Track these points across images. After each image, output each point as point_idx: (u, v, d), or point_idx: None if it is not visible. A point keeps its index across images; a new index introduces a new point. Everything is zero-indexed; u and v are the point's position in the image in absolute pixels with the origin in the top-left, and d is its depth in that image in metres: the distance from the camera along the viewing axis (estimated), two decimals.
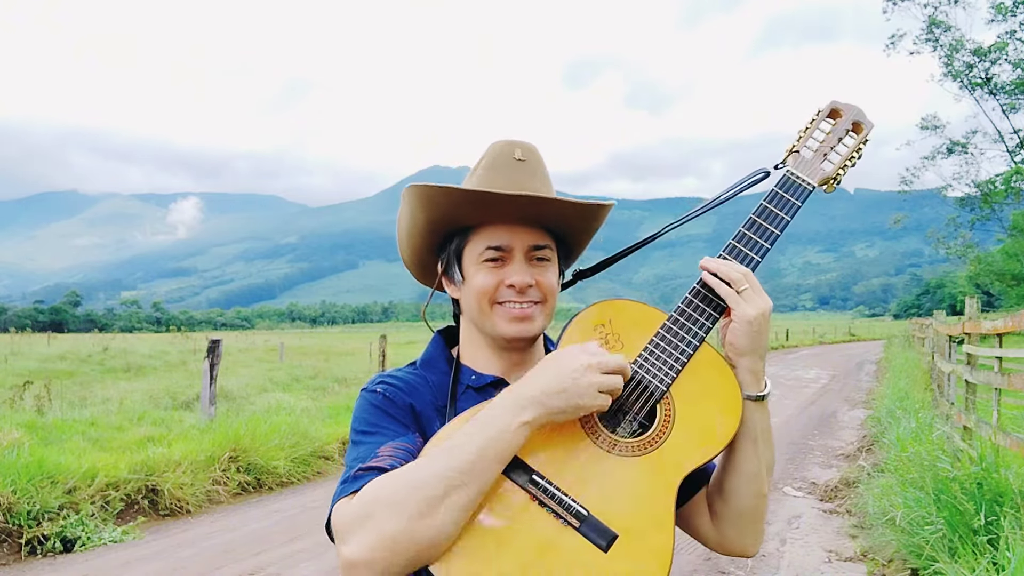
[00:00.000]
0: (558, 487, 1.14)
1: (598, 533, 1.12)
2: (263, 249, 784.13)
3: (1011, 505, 4.11)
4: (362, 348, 32.06)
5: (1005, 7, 33.34)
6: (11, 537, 5.34)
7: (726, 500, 1.30)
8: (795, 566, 5.06)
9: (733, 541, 1.32)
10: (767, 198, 1.31)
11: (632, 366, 1.22)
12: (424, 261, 1.41)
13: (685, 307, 1.26)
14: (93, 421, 9.56)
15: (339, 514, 1.10)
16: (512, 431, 1.11)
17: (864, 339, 55.67)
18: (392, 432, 1.23)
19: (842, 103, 1.36)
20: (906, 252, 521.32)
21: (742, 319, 1.22)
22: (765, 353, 1.26)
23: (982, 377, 6.33)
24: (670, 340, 1.23)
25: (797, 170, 1.32)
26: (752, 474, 1.26)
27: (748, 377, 1.25)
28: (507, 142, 1.32)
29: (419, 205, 1.29)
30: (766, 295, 1.23)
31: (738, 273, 1.23)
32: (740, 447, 1.26)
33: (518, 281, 1.27)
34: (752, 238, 1.28)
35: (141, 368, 22.78)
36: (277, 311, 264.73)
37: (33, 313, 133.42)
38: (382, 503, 1.06)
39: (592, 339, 1.24)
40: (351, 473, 1.16)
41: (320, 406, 11.83)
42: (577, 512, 1.13)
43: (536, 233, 1.30)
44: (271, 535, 5.86)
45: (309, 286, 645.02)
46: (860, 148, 1.35)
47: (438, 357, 1.38)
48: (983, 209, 35.39)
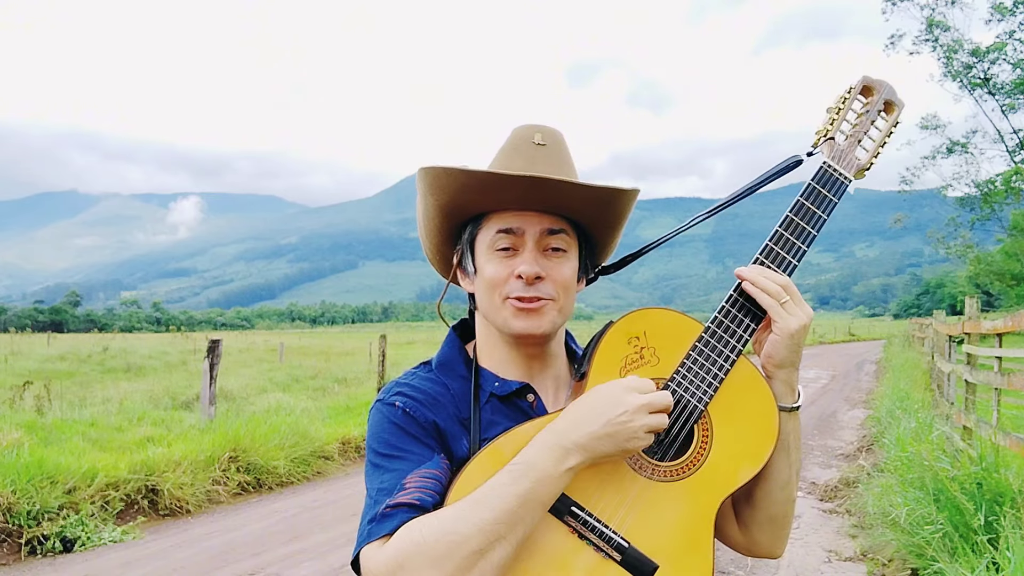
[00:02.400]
0: (598, 519, 1.11)
1: (639, 565, 1.10)
2: (263, 249, 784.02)
3: (1011, 505, 4.11)
4: (362, 348, 32.05)
5: (1005, 7, 33.34)
6: (11, 537, 5.34)
7: (757, 506, 1.26)
8: (795, 566, 5.06)
9: (762, 545, 1.29)
10: (804, 194, 1.21)
11: (669, 383, 1.17)
12: (443, 252, 1.34)
13: (723, 318, 1.18)
14: (93, 421, 9.56)
15: (372, 562, 1.05)
16: (556, 478, 1.06)
17: (864, 339, 55.63)
18: (417, 456, 1.15)
19: (874, 79, 1.24)
20: (906, 252, 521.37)
21: (784, 331, 1.17)
22: (800, 363, 1.22)
23: (982, 377, 6.33)
24: (707, 355, 1.17)
25: (833, 161, 1.22)
26: (784, 482, 1.23)
27: (784, 388, 1.21)
28: (528, 126, 1.25)
29: (428, 189, 1.24)
30: (807, 305, 1.18)
31: (777, 284, 1.17)
32: (774, 458, 1.21)
33: (526, 271, 1.18)
34: (790, 240, 1.20)
35: (141, 368, 22.76)
36: (277, 311, 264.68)
37: (33, 313, 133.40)
38: (417, 557, 1.01)
39: (626, 353, 1.18)
40: (379, 510, 1.09)
41: (320, 406, 11.83)
42: (618, 545, 1.11)
43: (550, 218, 1.21)
44: (271, 535, 5.86)
45: (309, 286, 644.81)
46: (892, 131, 1.24)
47: (455, 358, 1.30)
48: (983, 209, 35.36)
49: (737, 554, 5.29)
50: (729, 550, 1.38)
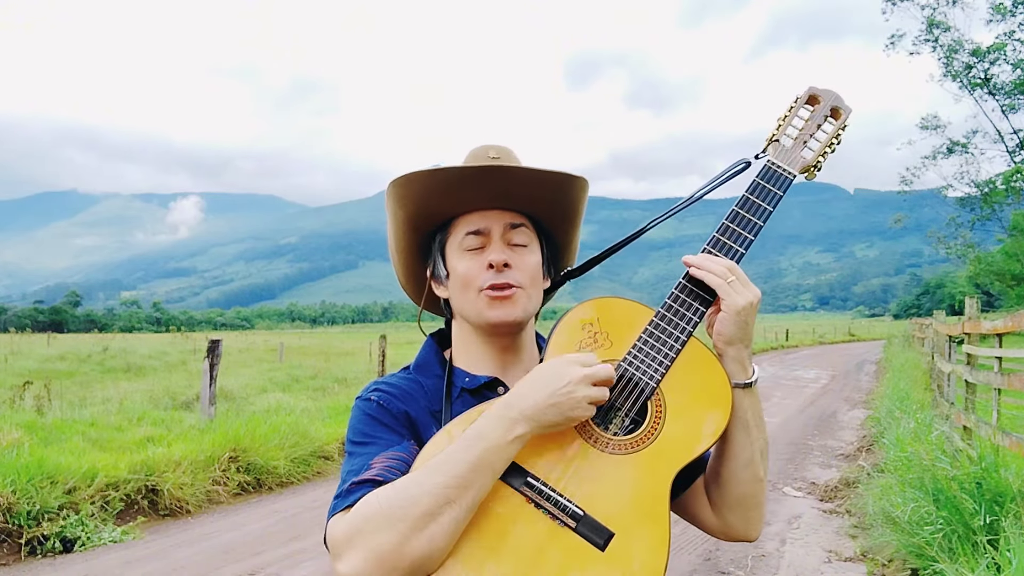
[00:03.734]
0: (553, 488, 1.16)
1: (595, 532, 1.14)
2: (263, 249, 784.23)
3: (1011, 505, 4.11)
4: (362, 348, 32.06)
5: (1004, 7, 33.34)
6: (11, 537, 5.34)
7: (724, 487, 1.30)
8: (795, 566, 5.06)
9: (735, 527, 1.33)
10: (749, 189, 1.30)
11: (621, 363, 1.22)
12: (415, 271, 1.43)
13: (672, 303, 1.26)
14: (93, 421, 9.56)
15: (333, 530, 1.11)
16: (504, 446, 1.12)
17: (864, 339, 55.62)
18: (386, 441, 1.23)
19: (820, 89, 1.36)
20: (906, 252, 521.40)
21: (731, 308, 1.22)
22: (751, 342, 1.28)
23: (982, 377, 6.34)
24: (658, 336, 1.23)
25: (778, 159, 1.32)
26: (747, 460, 1.27)
27: (736, 366, 1.26)
28: (483, 145, 1.36)
29: (397, 202, 1.33)
30: (753, 285, 1.25)
31: (723, 266, 1.24)
32: (733, 435, 1.27)
33: (495, 259, 1.27)
34: (735, 230, 1.28)
35: (141, 368, 22.77)
36: (277, 311, 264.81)
37: (33, 313, 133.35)
38: (373, 519, 1.07)
39: (580, 338, 1.25)
40: (345, 487, 1.16)
41: (320, 406, 11.83)
42: (573, 512, 1.14)
43: (511, 214, 1.32)
44: (271, 535, 5.86)
45: (309, 286, 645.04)
46: (839, 134, 1.34)
47: (431, 360, 1.39)
48: (983, 209, 35.40)
49: (737, 554, 5.30)
50: (729, 549, 1.39)
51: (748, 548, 5.35)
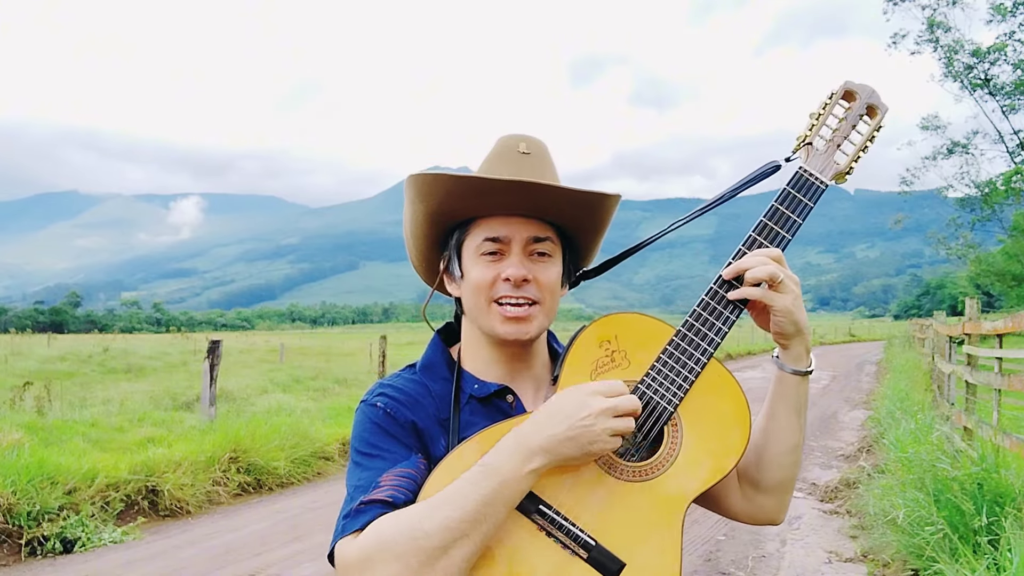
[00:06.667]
0: (565, 517, 1.13)
1: (606, 563, 1.12)
2: (264, 250, 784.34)
3: (1012, 506, 4.11)
4: (363, 349, 32.04)
5: (1004, 8, 33.32)
6: (11, 538, 5.34)
7: (766, 471, 1.29)
8: (795, 566, 5.05)
9: (767, 510, 1.32)
10: (779, 199, 1.23)
11: (639, 386, 1.18)
12: (429, 258, 1.37)
13: (694, 321, 1.20)
14: (93, 422, 9.56)
15: (343, 553, 1.10)
16: (519, 479, 1.09)
17: (864, 340, 55.59)
18: (394, 456, 1.19)
19: (856, 84, 1.27)
20: (906, 253, 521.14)
21: (782, 310, 1.19)
22: (809, 330, 1.24)
23: (982, 378, 6.33)
24: (678, 358, 1.18)
25: (810, 166, 1.24)
26: (794, 445, 1.27)
27: (797, 356, 1.24)
28: (513, 136, 1.29)
29: (416, 195, 1.27)
30: (791, 272, 1.20)
31: (767, 270, 1.17)
32: (786, 422, 1.26)
33: (513, 274, 1.21)
34: (763, 244, 1.22)
35: (141, 369, 22.76)
36: (278, 312, 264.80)
37: (33, 314, 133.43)
38: (384, 551, 1.05)
39: (597, 356, 1.20)
40: (353, 506, 1.14)
41: (320, 407, 11.83)
42: (585, 542, 1.13)
43: (536, 225, 1.25)
44: (271, 536, 5.86)
45: (310, 287, 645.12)
46: (874, 135, 1.26)
47: (439, 361, 1.34)
48: (984, 210, 35.34)
49: (738, 554, 5.29)
50: (730, 549, 1.39)
51: (749, 548, 5.35)
